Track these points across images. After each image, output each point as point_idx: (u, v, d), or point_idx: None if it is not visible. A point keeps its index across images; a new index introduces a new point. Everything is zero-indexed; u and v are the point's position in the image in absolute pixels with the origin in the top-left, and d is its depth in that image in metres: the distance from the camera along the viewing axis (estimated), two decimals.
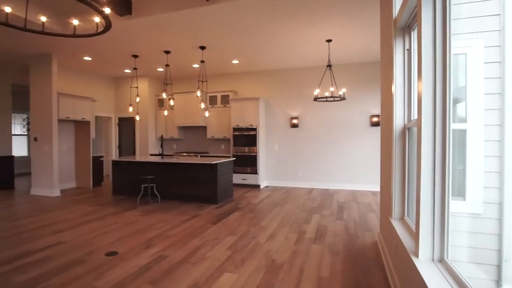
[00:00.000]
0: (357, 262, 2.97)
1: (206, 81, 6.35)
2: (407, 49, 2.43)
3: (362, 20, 4.56)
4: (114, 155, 8.87)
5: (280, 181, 7.69)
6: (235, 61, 6.96)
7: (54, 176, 6.47)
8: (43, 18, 3.14)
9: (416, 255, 1.66)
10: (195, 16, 4.44)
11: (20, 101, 10.01)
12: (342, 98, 5.65)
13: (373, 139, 6.84)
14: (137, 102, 6.92)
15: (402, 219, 2.44)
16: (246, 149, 7.33)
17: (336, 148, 7.18)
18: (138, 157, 6.83)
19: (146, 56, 6.53)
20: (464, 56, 1.99)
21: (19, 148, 10.84)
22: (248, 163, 7.30)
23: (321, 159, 7.31)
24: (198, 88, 6.02)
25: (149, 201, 5.76)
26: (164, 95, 6.32)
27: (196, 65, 7.28)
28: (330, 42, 5.57)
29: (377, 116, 6.79)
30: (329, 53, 5.89)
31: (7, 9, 2.88)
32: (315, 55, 6.43)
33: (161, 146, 6.45)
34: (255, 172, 7.26)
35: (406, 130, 2.38)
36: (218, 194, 5.58)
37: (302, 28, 4.90)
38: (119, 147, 9.03)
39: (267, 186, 7.58)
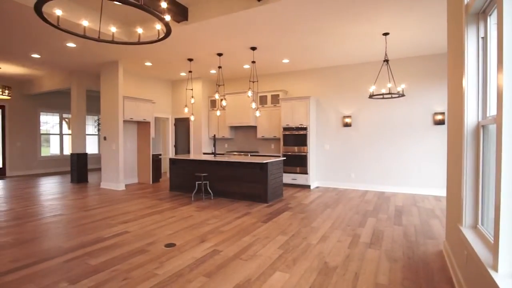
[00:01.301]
0: (418, 271, 2.75)
1: (257, 81, 6.43)
2: (482, 37, 2.17)
3: (423, 9, 4.20)
4: (170, 153, 9.47)
5: (331, 182, 7.46)
6: (285, 60, 6.93)
7: (120, 172, 7.14)
8: (113, 29, 3.47)
9: (495, 269, 1.47)
10: (247, 17, 4.52)
11: (92, 104, 11.34)
12: (401, 95, 5.27)
13: (436, 138, 6.27)
14: (192, 104, 7.29)
15: (475, 227, 2.18)
16: (296, 148, 7.26)
17: (393, 148, 6.72)
18: (192, 156, 7.19)
19: (200, 59, 6.85)
20: None
21: (91, 146, 12.20)
22: (298, 163, 7.22)
23: (376, 160, 6.91)
24: (249, 88, 6.13)
25: (203, 198, 6.03)
26: (216, 96, 6.56)
27: (247, 66, 7.43)
28: (387, 36, 5.24)
29: (442, 113, 6.19)
30: (386, 47, 5.54)
31: (85, 23, 3.25)
32: (370, 50, 6.10)
33: (214, 145, 6.71)
34: (305, 172, 7.15)
35: (480, 128, 2.13)
36: (268, 193, 5.62)
37: (355, 23, 4.68)
38: (175, 146, 9.62)
39: (317, 187, 7.42)
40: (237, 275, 2.67)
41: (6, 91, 8.15)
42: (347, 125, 7.20)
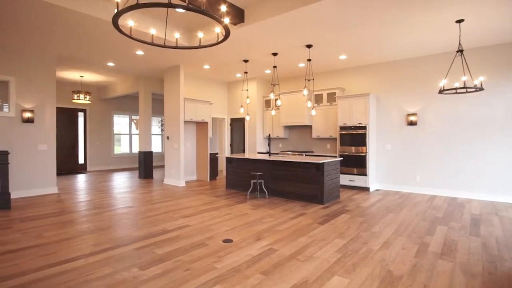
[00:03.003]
0: None
1: (313, 79, 6.28)
2: None
3: None
4: (226, 152, 9.80)
5: (393, 185, 6.95)
6: (343, 57, 6.65)
7: (181, 169, 7.61)
8: (177, 35, 3.70)
9: None
10: (303, 15, 4.44)
11: (157, 106, 12.34)
12: (479, 89, 4.66)
13: None
14: (247, 104, 7.44)
15: None
16: (353, 148, 6.92)
17: (468, 149, 5.98)
18: (248, 155, 7.33)
19: (255, 60, 6.94)
20: None
21: (156, 145, 13.26)
22: (356, 164, 6.88)
23: (446, 162, 6.24)
24: (305, 87, 6.02)
25: (258, 196, 6.11)
26: (271, 96, 6.58)
27: (302, 64, 7.32)
28: (461, 23, 4.69)
29: None
30: (459, 36, 4.96)
31: (153, 31, 3.52)
32: (440, 41, 5.53)
33: (269, 144, 6.74)
34: (363, 173, 6.77)
35: None
36: (324, 194, 5.45)
37: (424, 11, 4.28)
38: (231, 145, 9.92)
39: (377, 190, 6.98)
40: (293, 275, 2.64)
41: (88, 97, 9.29)
42: (411, 123, 6.63)
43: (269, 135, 6.93)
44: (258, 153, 8.83)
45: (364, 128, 6.75)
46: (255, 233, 3.82)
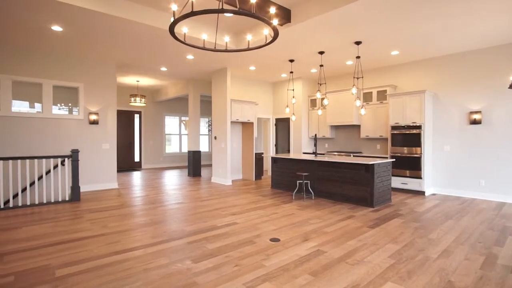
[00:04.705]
0: None
1: (362, 77, 6.04)
2: None
3: None
4: (271, 152, 9.86)
5: (452, 190, 6.38)
6: (395, 52, 6.29)
7: (228, 168, 7.84)
8: (226, 39, 3.84)
9: None
10: (352, 11, 4.30)
11: (204, 107, 12.89)
12: None
13: None
14: (293, 104, 7.41)
15: None
16: (406, 149, 6.50)
17: None
18: (293, 155, 7.30)
19: (301, 59, 6.89)
20: None
21: (203, 145, 13.83)
22: (409, 166, 6.45)
23: None
24: (353, 85, 5.82)
25: (304, 197, 6.05)
26: (318, 95, 6.46)
27: (349, 62, 7.08)
28: None
29: None
30: None
31: (204, 37, 3.69)
32: (508, 29, 4.95)
33: (315, 144, 6.64)
34: (418, 176, 6.33)
35: None
36: (374, 197, 5.22)
37: None
38: (276, 145, 9.95)
39: (434, 194, 6.47)
40: (343, 278, 2.57)
41: (143, 100, 10.04)
42: (475, 122, 6.03)
43: (315, 135, 6.82)
44: (303, 153, 8.74)
45: (418, 127, 6.31)
46: (302, 233, 3.80)
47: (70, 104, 6.80)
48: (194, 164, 9.49)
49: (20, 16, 4.42)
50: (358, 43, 5.66)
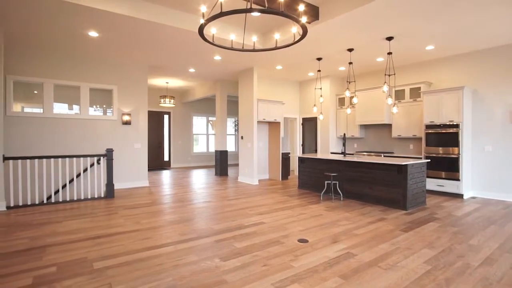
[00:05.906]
0: None
1: (394, 74, 5.79)
2: None
3: None
4: (298, 152, 9.75)
5: (494, 193, 5.95)
6: (430, 47, 5.97)
7: (254, 168, 7.86)
8: (254, 38, 3.84)
9: None
10: (383, 5, 4.13)
11: (231, 107, 13.03)
12: None
13: None
14: (321, 103, 7.28)
15: None
16: (441, 149, 6.15)
17: None
18: (320, 155, 7.16)
19: (329, 57, 6.74)
20: None
21: (230, 144, 13.98)
22: (445, 167, 6.10)
23: None
24: (385, 82, 5.60)
25: (332, 198, 5.92)
26: (347, 93, 6.29)
27: (380, 59, 6.83)
28: None
29: None
30: None
31: (232, 37, 3.72)
32: None
33: (344, 144, 6.48)
34: (455, 178, 5.96)
35: None
36: (407, 199, 4.99)
37: None
38: (302, 145, 9.83)
39: (473, 197, 6.07)
40: (375, 283, 2.47)
41: (172, 100, 10.33)
42: None
43: (344, 134, 6.64)
44: (331, 153, 8.56)
45: (456, 126, 5.95)
46: (331, 235, 3.71)
47: (104, 106, 7.16)
48: (221, 163, 9.61)
49: (62, 23, 4.72)
50: (389, 38, 5.44)
